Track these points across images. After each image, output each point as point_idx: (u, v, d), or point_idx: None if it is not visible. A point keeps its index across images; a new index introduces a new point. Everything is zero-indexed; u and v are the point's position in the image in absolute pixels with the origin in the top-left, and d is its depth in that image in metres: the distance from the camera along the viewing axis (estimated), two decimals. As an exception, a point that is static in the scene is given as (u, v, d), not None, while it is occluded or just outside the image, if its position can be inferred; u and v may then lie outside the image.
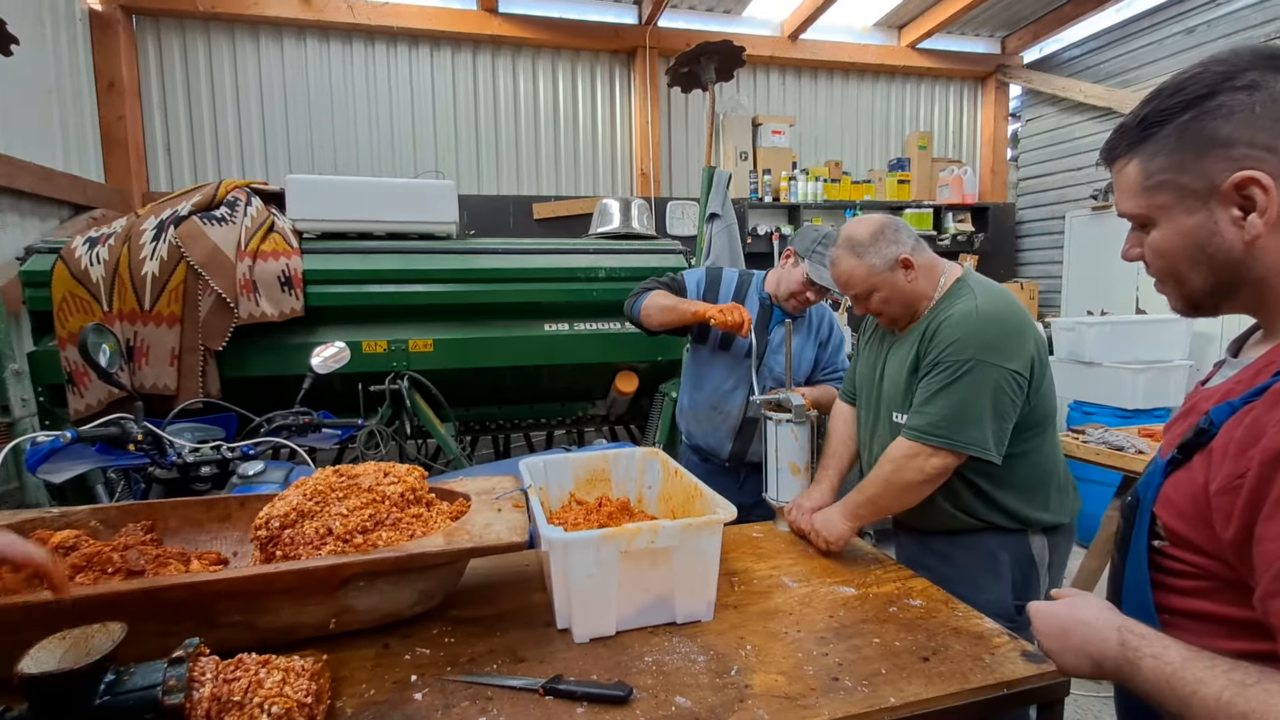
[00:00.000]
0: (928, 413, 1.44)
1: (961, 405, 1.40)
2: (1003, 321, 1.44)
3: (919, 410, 1.46)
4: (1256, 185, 0.67)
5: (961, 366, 1.41)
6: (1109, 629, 0.74)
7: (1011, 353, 1.42)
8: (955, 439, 1.40)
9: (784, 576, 1.51)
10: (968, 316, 1.45)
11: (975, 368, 1.40)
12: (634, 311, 2.12)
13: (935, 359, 1.45)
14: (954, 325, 1.45)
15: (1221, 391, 0.74)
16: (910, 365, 1.53)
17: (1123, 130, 0.76)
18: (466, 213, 4.61)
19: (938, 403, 1.43)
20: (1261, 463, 0.61)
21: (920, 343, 1.51)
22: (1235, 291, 0.74)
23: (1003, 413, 1.42)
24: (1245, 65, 0.68)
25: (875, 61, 5.50)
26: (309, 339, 2.71)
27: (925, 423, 1.44)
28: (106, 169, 4.02)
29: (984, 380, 1.40)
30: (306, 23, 4.40)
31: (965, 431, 1.40)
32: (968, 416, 1.40)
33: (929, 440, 1.42)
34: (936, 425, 1.42)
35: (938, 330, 1.48)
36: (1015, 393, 1.43)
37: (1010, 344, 1.43)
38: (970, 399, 1.40)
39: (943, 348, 1.45)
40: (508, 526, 1.21)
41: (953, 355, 1.43)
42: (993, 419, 1.41)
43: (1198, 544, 0.70)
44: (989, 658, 1.17)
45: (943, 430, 1.41)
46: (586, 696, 1.03)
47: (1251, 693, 0.60)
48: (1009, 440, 1.45)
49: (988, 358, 1.40)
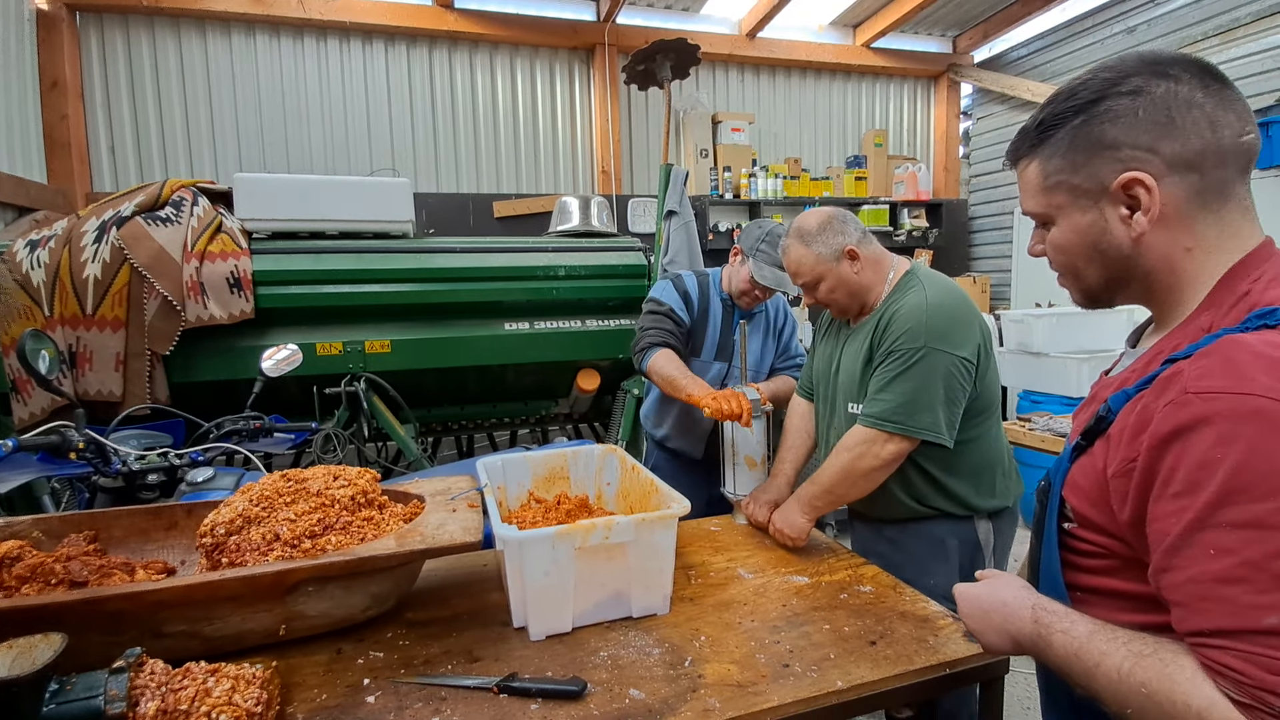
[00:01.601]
0: (883, 400, 1.48)
1: (915, 392, 1.45)
2: (951, 311, 1.49)
3: (874, 398, 1.50)
4: (1141, 186, 0.71)
5: (914, 354, 1.46)
6: (1024, 607, 0.78)
7: (960, 341, 1.47)
8: (909, 424, 1.45)
9: (740, 568, 1.54)
10: (918, 307, 1.49)
11: (927, 355, 1.45)
12: (642, 368, 2.08)
13: (889, 348, 1.50)
14: (905, 316, 1.50)
15: (1119, 380, 0.78)
16: (864, 356, 1.57)
17: (1024, 133, 0.80)
18: (425, 211, 4.56)
19: (893, 390, 1.47)
20: (1150, 447, 0.65)
21: (874, 334, 1.56)
22: (1126, 285, 0.78)
23: (953, 398, 1.47)
24: (1130, 71, 0.72)
25: (831, 60, 5.59)
26: (260, 342, 2.65)
27: (880, 410, 1.48)
28: (49, 170, 3.87)
29: (936, 367, 1.45)
30: (255, 18, 4.28)
31: (918, 417, 1.45)
32: (921, 403, 1.45)
33: (884, 426, 1.47)
34: (892, 412, 1.46)
35: (890, 321, 1.52)
36: (965, 379, 1.48)
37: (959, 332, 1.48)
38: (923, 385, 1.45)
39: (895, 337, 1.49)
40: (461, 527, 1.21)
41: (905, 344, 1.47)
42: (944, 404, 1.46)
43: (1101, 525, 0.74)
44: (933, 639, 1.21)
45: (898, 416, 1.45)
46: (541, 693, 1.04)
47: (1148, 663, 0.65)
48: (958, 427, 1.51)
49: (939, 345, 1.45)
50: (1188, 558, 0.62)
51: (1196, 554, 0.61)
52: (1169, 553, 0.63)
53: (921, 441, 1.48)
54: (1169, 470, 0.63)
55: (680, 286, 2.19)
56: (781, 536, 1.61)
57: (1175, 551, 0.63)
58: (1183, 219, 0.72)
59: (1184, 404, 0.63)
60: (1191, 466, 0.61)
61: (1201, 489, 0.61)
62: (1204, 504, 0.60)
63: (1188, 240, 0.73)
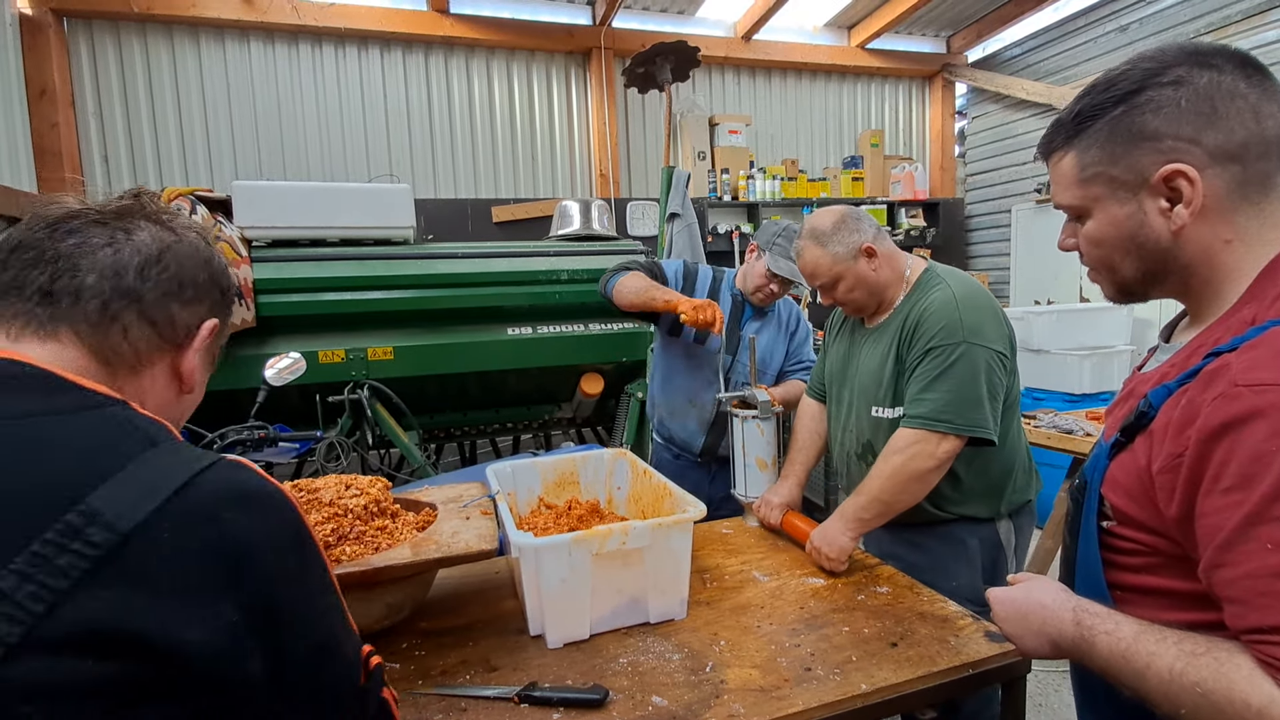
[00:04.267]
0: (929, 400, 1.42)
1: (961, 388, 1.41)
2: (980, 305, 1.47)
3: (919, 399, 1.44)
4: (1183, 178, 0.70)
5: (954, 350, 1.42)
6: (1064, 610, 0.77)
7: (994, 335, 1.45)
8: (959, 422, 1.40)
9: (754, 570, 1.52)
10: (948, 303, 1.46)
11: (967, 350, 1.41)
12: (608, 288, 2.07)
13: (926, 347, 1.45)
14: (938, 313, 1.46)
15: (1157, 375, 0.77)
16: (892, 358, 1.53)
17: (1059, 125, 0.79)
18: (424, 217, 4.53)
19: (937, 389, 1.42)
20: (1198, 441, 0.64)
21: (900, 334, 1.52)
22: (1164, 279, 0.77)
23: (995, 393, 1.44)
24: (1172, 62, 0.71)
25: (827, 61, 5.60)
26: (262, 350, 2.63)
27: (928, 410, 1.42)
28: (40, 180, 3.83)
29: (976, 362, 1.41)
30: (249, 24, 4.26)
31: (968, 414, 1.40)
32: (969, 399, 1.40)
33: (936, 426, 1.41)
34: (941, 410, 1.41)
35: (921, 320, 1.48)
36: (1003, 372, 1.46)
37: (991, 326, 1.46)
38: (967, 381, 1.41)
39: (931, 335, 1.45)
40: (476, 534, 1.19)
41: (943, 340, 1.43)
42: (989, 399, 1.42)
43: (1144, 522, 0.73)
44: (954, 640, 1.20)
45: (948, 415, 1.40)
46: (562, 702, 1.03)
47: (1201, 662, 0.63)
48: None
49: (976, 340, 1.42)
50: (1243, 553, 0.61)
51: (1253, 549, 0.60)
52: (1222, 548, 0.62)
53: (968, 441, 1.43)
54: (1220, 464, 0.62)
55: (689, 267, 2.21)
56: (819, 557, 1.49)
57: (1229, 547, 0.62)
58: (1223, 211, 0.71)
59: (1234, 397, 0.62)
60: (1245, 460, 0.60)
61: (1256, 483, 0.59)
62: (1260, 498, 0.59)
63: (1228, 233, 0.72)
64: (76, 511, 0.49)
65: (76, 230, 0.65)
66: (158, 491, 0.52)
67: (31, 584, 0.46)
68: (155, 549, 0.50)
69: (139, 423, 0.59)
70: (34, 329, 0.62)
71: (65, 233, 0.64)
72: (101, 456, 0.53)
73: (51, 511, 0.48)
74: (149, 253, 0.67)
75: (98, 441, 0.55)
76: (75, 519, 0.48)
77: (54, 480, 0.50)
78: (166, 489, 0.52)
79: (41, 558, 0.47)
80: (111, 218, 0.67)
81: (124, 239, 0.66)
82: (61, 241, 0.64)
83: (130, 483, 0.52)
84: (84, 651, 0.47)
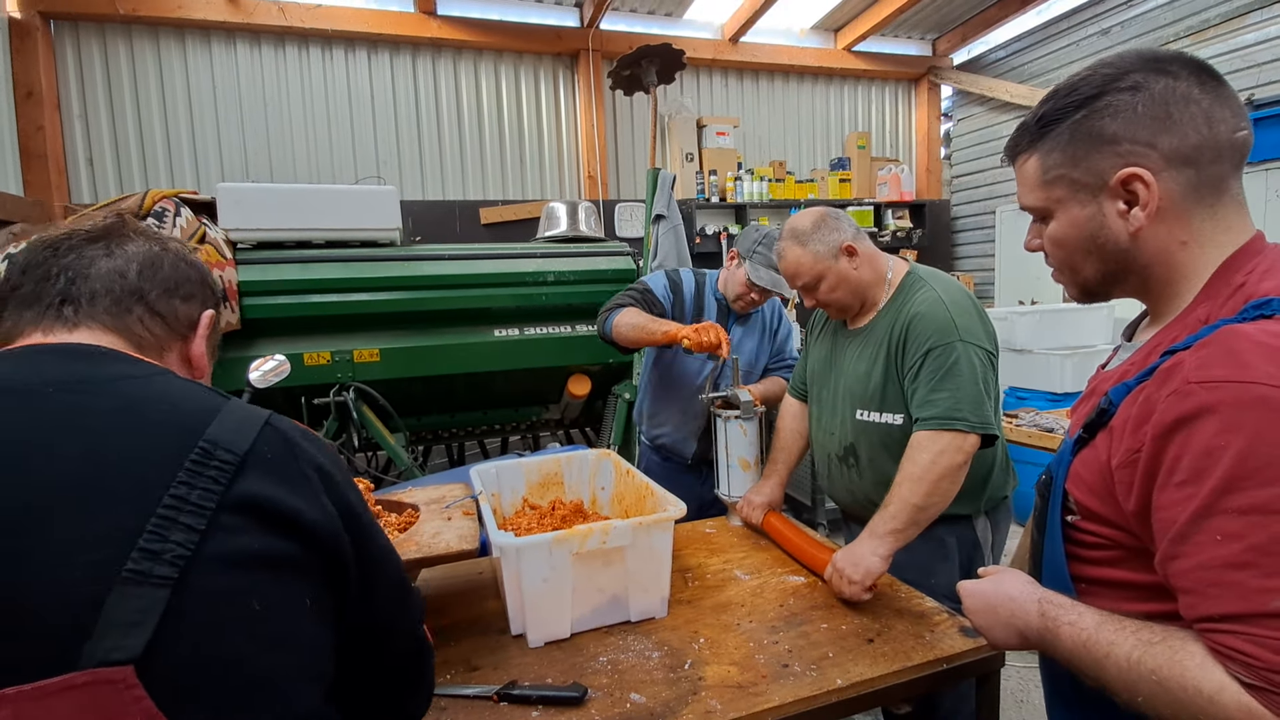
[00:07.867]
0: (940, 401, 1.42)
1: (967, 386, 1.41)
2: (967, 307, 1.50)
3: (929, 400, 1.43)
4: (1139, 181, 0.72)
5: (952, 351, 1.43)
6: (1030, 601, 0.79)
7: (982, 334, 1.48)
8: (975, 420, 1.39)
9: (736, 569, 1.54)
10: (937, 304, 1.48)
11: (963, 349, 1.43)
12: (606, 329, 2.05)
13: (926, 348, 1.46)
14: (929, 315, 1.48)
15: (1119, 373, 0.79)
16: (881, 361, 1.54)
17: (1024, 128, 0.81)
18: (411, 219, 4.53)
19: (946, 389, 1.42)
20: (1154, 437, 0.66)
21: (890, 338, 1.53)
22: (1123, 279, 0.79)
23: (989, 391, 1.46)
24: (1129, 68, 0.73)
25: (814, 64, 5.64)
26: (247, 353, 2.62)
27: (943, 410, 1.41)
28: (26, 182, 3.81)
29: (973, 360, 1.43)
30: (235, 25, 4.24)
31: (980, 411, 1.40)
32: (975, 397, 1.41)
33: (956, 425, 1.39)
34: (956, 409, 1.40)
35: (912, 322, 1.49)
36: (993, 370, 1.48)
37: (979, 326, 1.48)
38: (970, 379, 1.42)
39: (926, 336, 1.46)
40: (457, 535, 1.20)
41: (940, 340, 1.45)
42: (987, 397, 1.44)
43: (1105, 516, 0.74)
44: (929, 635, 1.22)
45: (964, 412, 1.39)
46: (541, 700, 1.04)
47: (1157, 650, 0.65)
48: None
49: (969, 339, 1.44)
50: (1195, 544, 0.62)
51: (1204, 540, 0.62)
52: (1176, 540, 0.64)
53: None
54: (1173, 459, 0.64)
55: (673, 278, 2.20)
56: (840, 583, 1.34)
57: (1182, 539, 0.63)
58: (1179, 213, 0.73)
59: (1187, 394, 0.63)
60: (1196, 454, 0.62)
61: (1207, 476, 0.61)
62: (1210, 491, 0.61)
63: (1183, 234, 0.74)
64: (206, 440, 0.60)
65: (75, 247, 0.74)
66: (251, 427, 0.64)
67: (203, 481, 0.58)
68: (266, 464, 0.63)
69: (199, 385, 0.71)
70: (63, 326, 0.70)
71: (66, 250, 0.74)
72: (202, 403, 0.65)
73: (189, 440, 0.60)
74: (143, 259, 0.77)
75: (189, 395, 0.66)
76: (206, 445, 0.60)
77: (184, 422, 0.62)
78: (256, 424, 0.64)
79: (192, 472, 0.58)
80: (102, 235, 0.77)
81: (118, 249, 0.76)
82: (64, 257, 0.73)
83: (228, 421, 0.63)
84: (252, 520, 0.59)
